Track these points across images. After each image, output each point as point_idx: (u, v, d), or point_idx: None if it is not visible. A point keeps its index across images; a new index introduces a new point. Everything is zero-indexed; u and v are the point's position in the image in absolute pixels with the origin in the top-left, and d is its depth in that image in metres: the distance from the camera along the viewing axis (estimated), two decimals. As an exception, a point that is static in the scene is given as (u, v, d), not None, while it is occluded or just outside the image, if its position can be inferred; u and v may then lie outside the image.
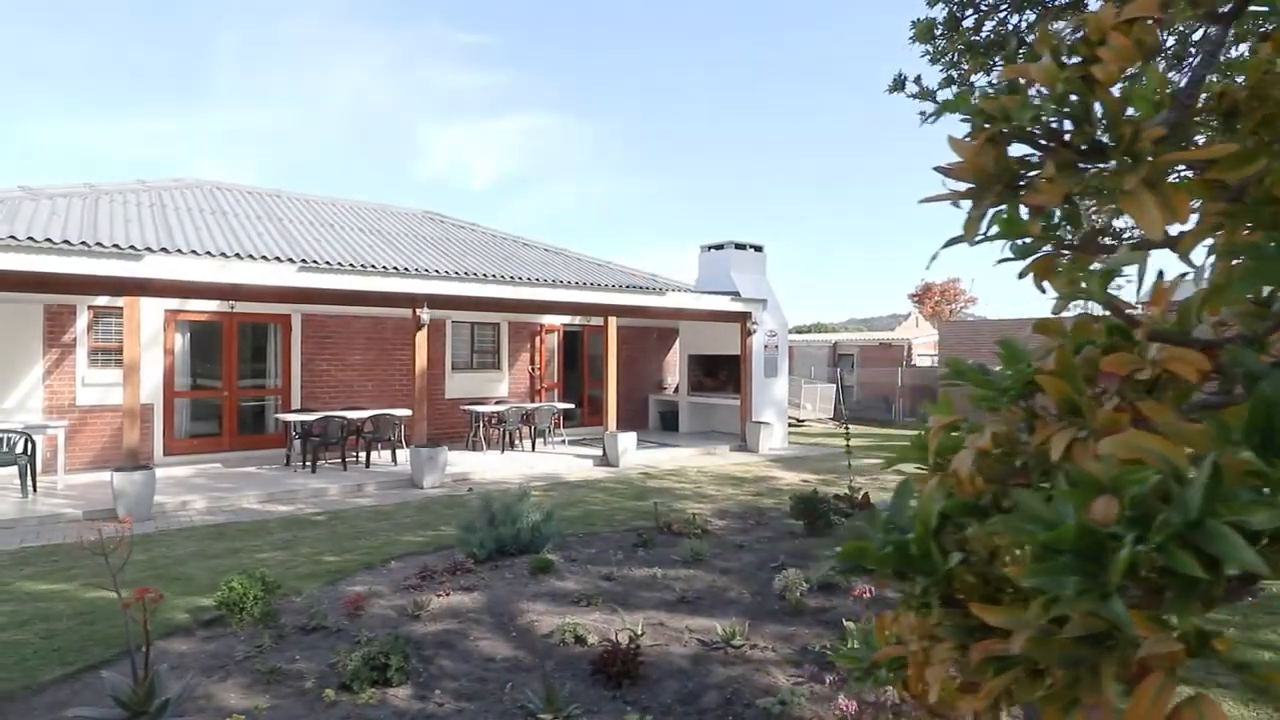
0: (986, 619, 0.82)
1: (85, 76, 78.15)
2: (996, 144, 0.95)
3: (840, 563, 1.02)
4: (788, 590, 4.98)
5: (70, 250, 7.89)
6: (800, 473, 11.40)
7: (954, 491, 0.98)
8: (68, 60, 75.01)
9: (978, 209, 0.98)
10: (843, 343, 26.56)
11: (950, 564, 0.91)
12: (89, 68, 77.75)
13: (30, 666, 3.95)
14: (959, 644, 0.89)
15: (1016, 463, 0.97)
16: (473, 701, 3.52)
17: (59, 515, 7.74)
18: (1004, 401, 1.03)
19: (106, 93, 79.64)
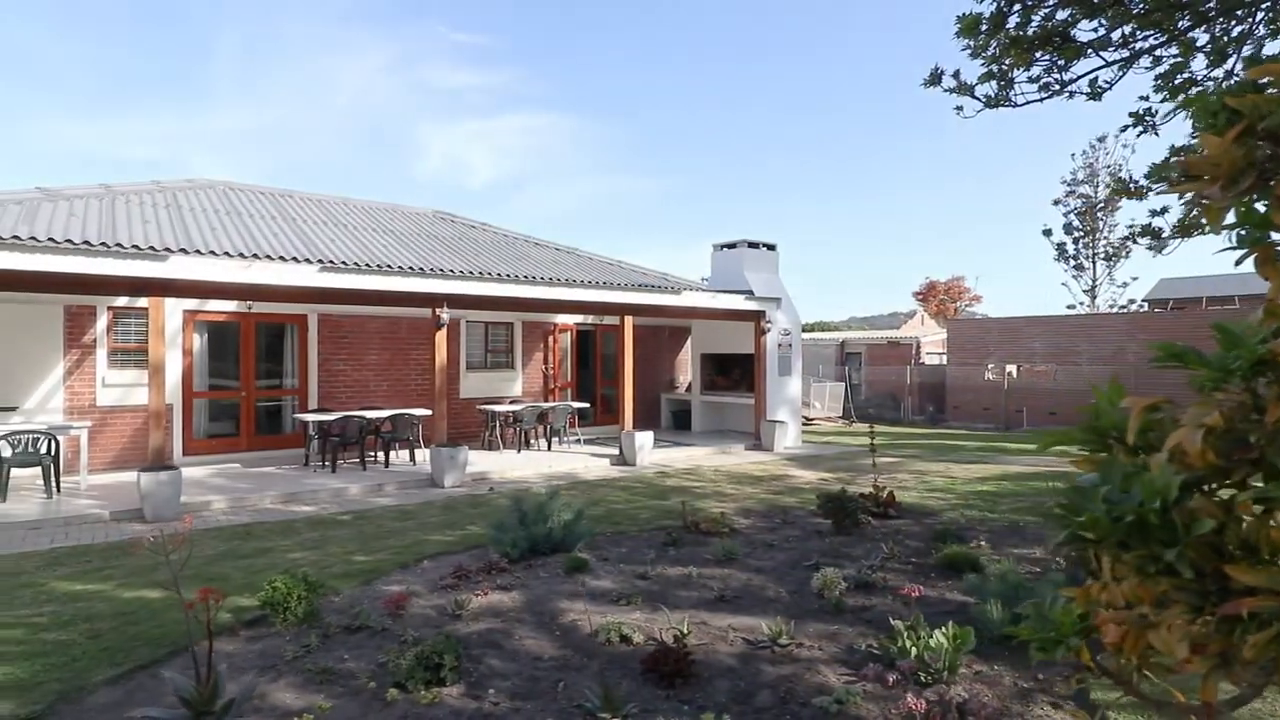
0: (1245, 580, 0.83)
1: (85, 77, 78.22)
2: (1246, 139, 0.96)
3: (1066, 537, 1.02)
4: (826, 589, 4.98)
5: (97, 251, 7.90)
6: (817, 471, 11.40)
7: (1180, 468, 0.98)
8: (68, 61, 75.07)
9: (1223, 200, 0.99)
10: (850, 341, 26.55)
11: (1200, 531, 0.92)
12: (89, 68, 77.81)
13: (81, 667, 3.96)
14: (1191, 607, 0.91)
15: (1251, 438, 0.97)
16: (527, 700, 3.53)
17: (85, 515, 7.76)
18: (1234, 381, 1.03)
19: (106, 93, 79.66)
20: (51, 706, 3.50)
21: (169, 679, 3.20)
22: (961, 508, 8.36)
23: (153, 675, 3.87)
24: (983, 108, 5.42)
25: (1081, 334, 19.70)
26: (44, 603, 5.11)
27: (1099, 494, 1.03)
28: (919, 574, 5.58)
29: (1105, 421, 1.14)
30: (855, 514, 6.94)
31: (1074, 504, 1.04)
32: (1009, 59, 5.07)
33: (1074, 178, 29.86)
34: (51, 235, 9.17)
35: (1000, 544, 6.55)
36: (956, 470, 11.55)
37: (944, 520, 7.53)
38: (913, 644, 3.84)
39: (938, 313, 43.95)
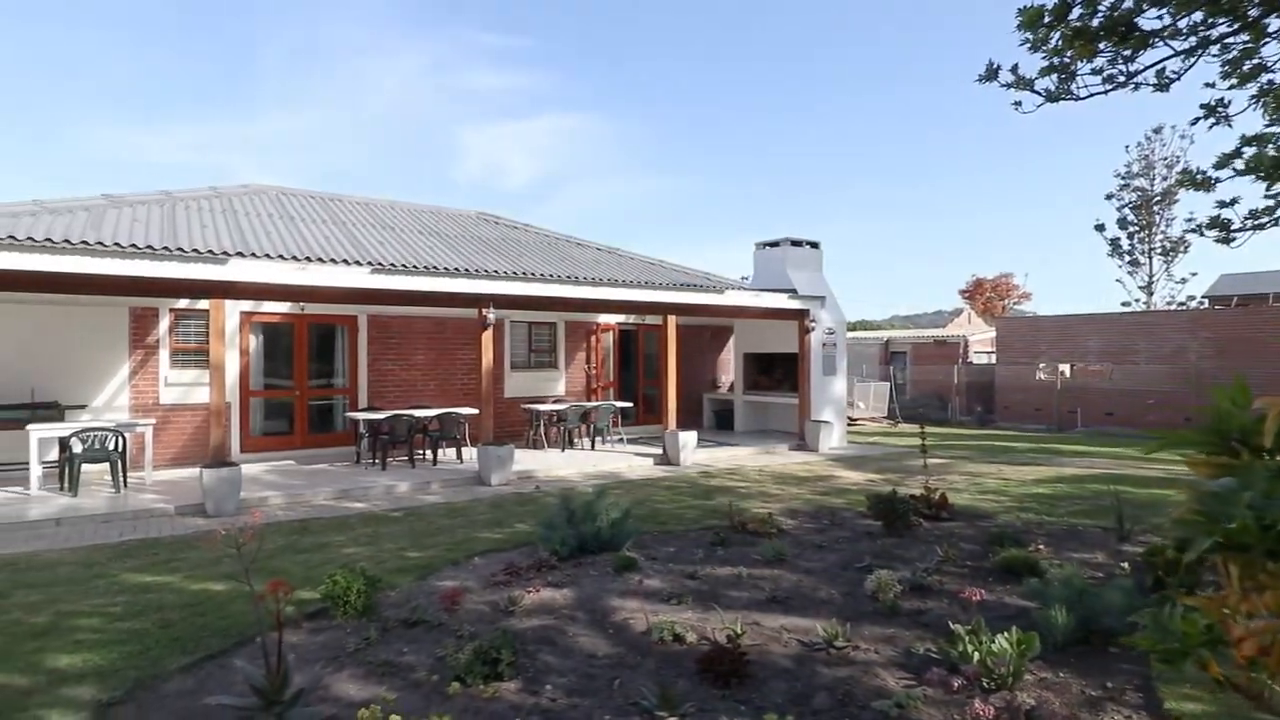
0: None
1: (140, 87, 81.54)
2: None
3: (1212, 545, 0.98)
4: (880, 591, 4.90)
5: (160, 255, 8.20)
6: (864, 472, 11.23)
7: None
8: (123, 72, 78.35)
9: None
10: (895, 340, 26.10)
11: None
12: (143, 79, 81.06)
13: (155, 655, 4.12)
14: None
15: None
16: (584, 697, 3.55)
17: (151, 510, 8.06)
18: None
19: (159, 102, 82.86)
20: (130, 693, 3.64)
21: (240, 668, 3.30)
22: (1016, 510, 8.15)
23: (222, 665, 4.01)
24: (1043, 102, 5.26)
25: (1139, 332, 19.03)
26: (117, 593, 5.32)
27: (1242, 500, 0.98)
28: (975, 578, 5.46)
29: (1231, 424, 1.08)
30: (906, 516, 6.82)
31: (1211, 510, 0.99)
32: (1071, 51, 4.92)
33: (1128, 170, 28.84)
34: (117, 240, 9.55)
35: (1060, 548, 6.37)
36: (1009, 472, 11.26)
37: (999, 523, 7.35)
38: (975, 648, 3.75)
39: (985, 311, 42.93)
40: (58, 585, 5.51)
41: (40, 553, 6.49)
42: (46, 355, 10.10)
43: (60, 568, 6.02)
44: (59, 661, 4.04)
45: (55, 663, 4.03)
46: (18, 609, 4.96)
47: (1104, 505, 8.06)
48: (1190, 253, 28.21)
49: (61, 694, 3.64)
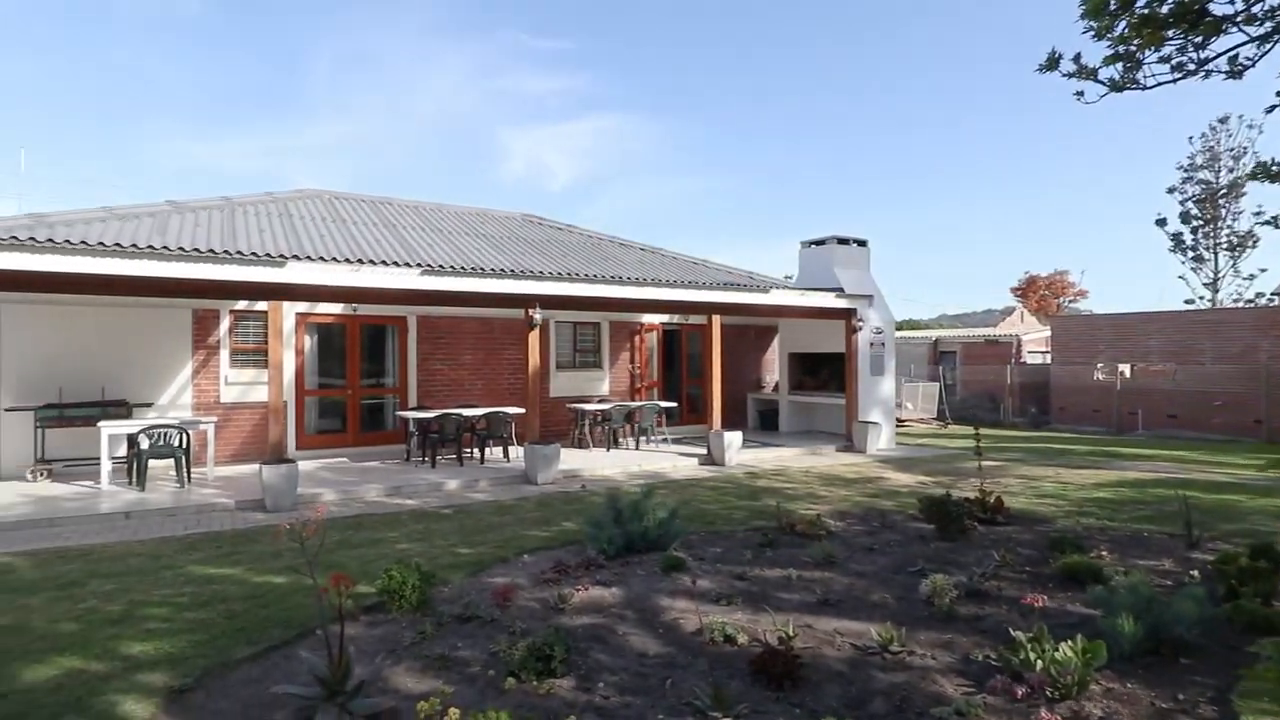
0: None
1: (195, 97, 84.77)
2: None
3: None
4: (936, 596, 4.80)
5: (222, 259, 8.49)
6: (914, 474, 11.01)
7: None
8: (179, 83, 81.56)
9: None
10: (944, 339, 25.52)
11: None
12: (198, 89, 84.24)
13: (222, 644, 4.26)
14: None
15: None
16: (637, 696, 3.56)
17: (213, 505, 8.36)
18: None
19: (213, 112, 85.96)
20: (200, 680, 3.78)
21: (305, 659, 3.40)
22: (1076, 515, 7.88)
23: (285, 655, 4.13)
24: (1107, 91, 5.07)
25: (1205, 331, 18.24)
26: (183, 584, 5.53)
27: None
28: (1034, 584, 5.30)
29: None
30: (960, 519, 6.66)
31: None
32: (1138, 39, 4.74)
33: (1192, 163, 27.66)
34: (181, 244, 9.92)
35: (1124, 554, 6.14)
36: (1067, 475, 10.91)
37: (1058, 528, 7.12)
38: (1038, 656, 3.64)
39: (1038, 309, 41.68)
40: (129, 575, 5.75)
41: (112, 544, 6.78)
42: (115, 355, 10.56)
43: (131, 559, 6.28)
44: (133, 649, 4.22)
45: (129, 650, 4.20)
46: (94, 597, 5.19)
47: (1170, 510, 7.75)
48: (1259, 248, 26.86)
49: (137, 680, 3.79)
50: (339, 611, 3.29)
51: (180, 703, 3.55)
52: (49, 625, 4.62)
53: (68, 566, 6.02)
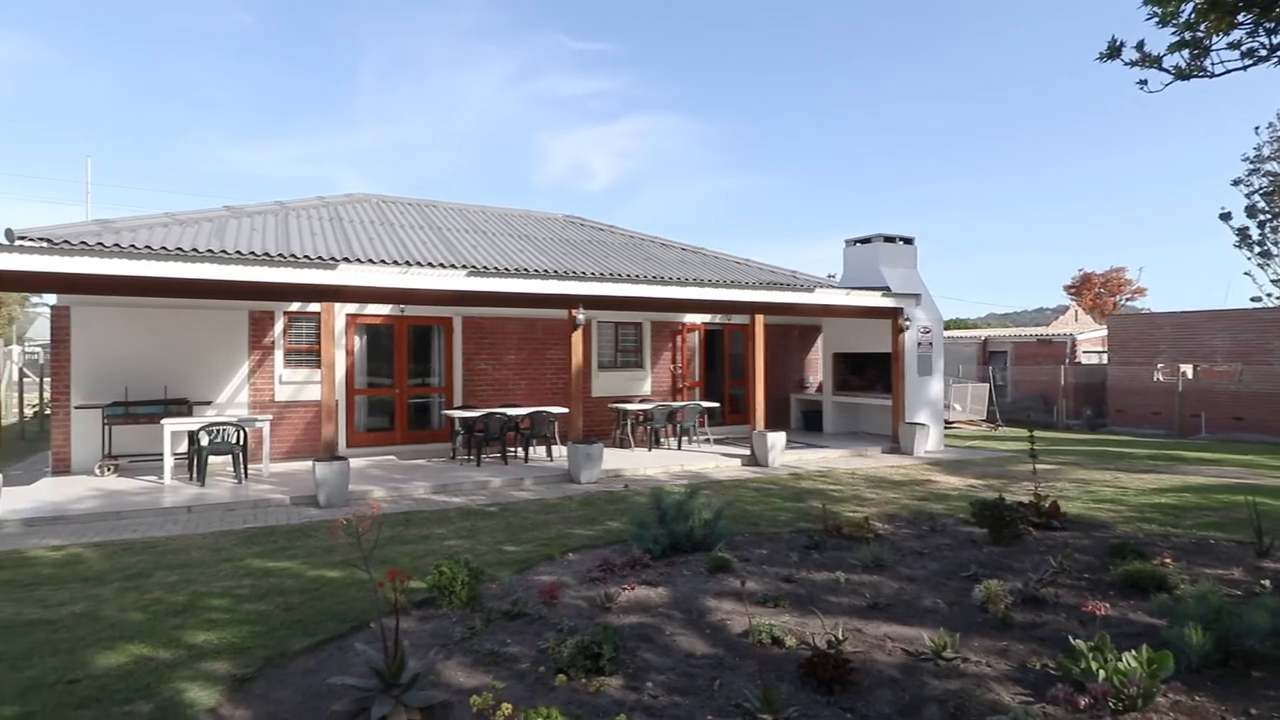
0: None
1: (247, 107, 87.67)
2: None
3: None
4: (990, 602, 4.68)
5: (277, 262, 8.75)
6: (964, 477, 10.76)
7: None
8: (233, 93, 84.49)
9: None
10: (994, 339, 24.87)
11: None
12: (247, 98, 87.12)
13: (281, 636, 4.39)
14: None
15: None
16: (686, 696, 3.55)
17: (269, 500, 8.61)
18: None
19: (264, 120, 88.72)
20: (261, 670, 3.90)
21: (361, 651, 3.48)
22: (1137, 521, 7.61)
23: (340, 647, 4.23)
24: (1172, 80, 4.89)
25: (1273, 330, 17.42)
26: (243, 576, 5.71)
27: None
28: (1093, 591, 5.13)
29: None
30: (1015, 523, 6.48)
31: None
32: (1206, 24, 4.56)
33: (1258, 154, 26.40)
34: (239, 248, 10.26)
35: (1189, 562, 5.90)
36: (1126, 480, 10.53)
37: (1118, 534, 6.88)
38: (1100, 666, 3.52)
39: (1093, 307, 40.34)
40: (192, 567, 5.96)
41: (175, 537, 7.05)
42: (176, 355, 10.96)
43: (192, 551, 6.51)
44: (196, 638, 4.38)
45: (193, 639, 4.36)
46: (159, 588, 5.40)
47: (1238, 517, 7.43)
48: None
49: (201, 668, 3.93)
50: (394, 606, 3.36)
51: (243, 691, 3.67)
52: (118, 614, 4.82)
53: (134, 558, 6.28)
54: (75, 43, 61.27)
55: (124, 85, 78.75)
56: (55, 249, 7.91)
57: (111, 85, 77.83)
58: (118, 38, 68.45)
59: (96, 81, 75.59)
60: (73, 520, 7.65)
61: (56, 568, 5.99)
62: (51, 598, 5.17)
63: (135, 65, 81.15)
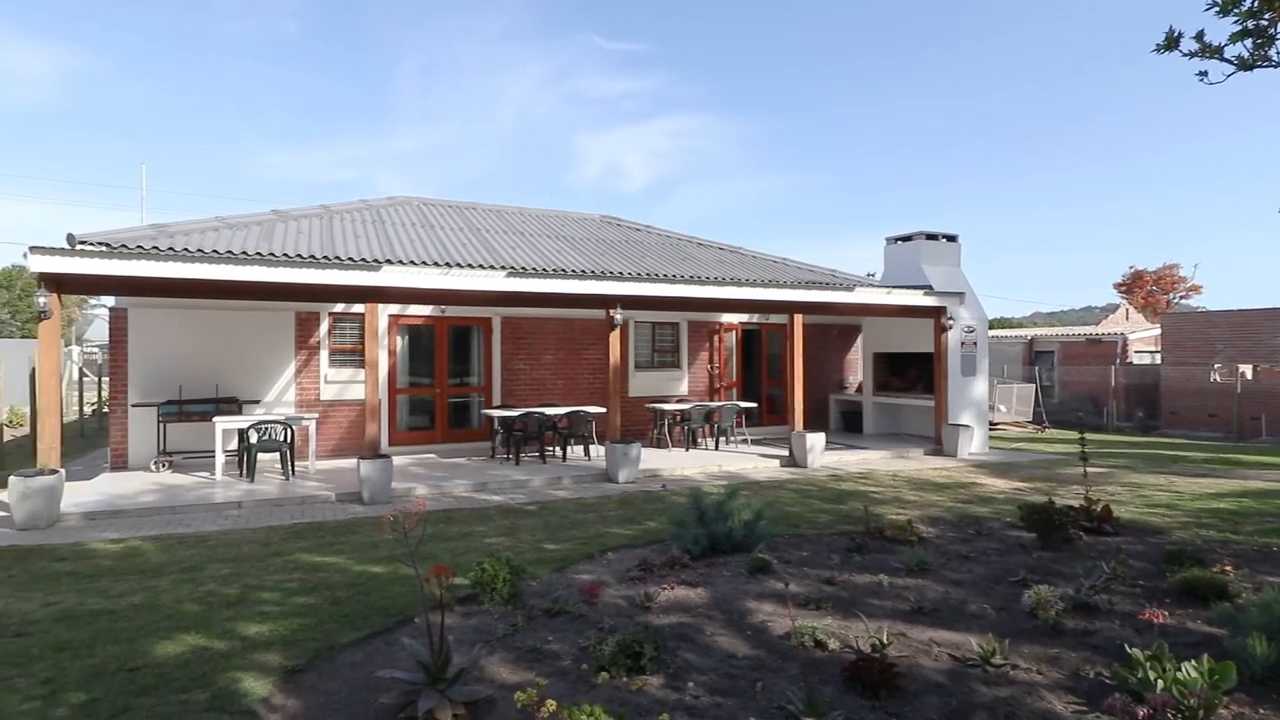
0: None
1: (291, 112, 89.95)
2: None
3: None
4: (1040, 608, 4.56)
5: (323, 264, 8.96)
6: (1010, 480, 10.50)
7: None
8: (274, 99, 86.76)
9: None
10: (1040, 338, 24.23)
11: None
12: (290, 104, 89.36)
13: (329, 629, 4.50)
14: None
15: None
16: (727, 697, 3.53)
17: (316, 496, 8.82)
18: None
19: (308, 125, 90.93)
20: (310, 662, 4.00)
21: (408, 645, 3.54)
22: (1194, 527, 7.34)
23: (387, 641, 4.31)
24: (1234, 70, 4.70)
25: (1341, 328, 16.65)
26: (291, 570, 5.86)
27: None
28: (1149, 599, 4.96)
29: None
30: (1065, 528, 6.31)
31: None
32: (1270, 12, 4.38)
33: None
34: (286, 251, 10.53)
35: (1251, 570, 5.67)
36: (1181, 484, 10.17)
37: (1174, 540, 6.65)
38: (1158, 675, 3.41)
39: (1145, 306, 39.04)
40: (243, 561, 6.14)
41: (227, 531, 7.26)
42: (227, 355, 11.29)
43: (243, 545, 6.70)
44: (249, 630, 4.50)
45: (246, 630, 4.49)
46: (212, 581, 5.57)
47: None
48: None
49: (254, 659, 4.05)
50: (440, 601, 3.41)
51: (294, 682, 3.76)
52: (175, 605, 4.99)
53: (189, 551, 6.48)
54: (131, 54, 64.15)
55: (176, 94, 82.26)
56: (114, 253, 8.22)
57: (164, 94, 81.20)
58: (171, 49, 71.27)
59: (150, 91, 78.85)
60: (130, 514, 7.94)
61: (116, 560, 6.22)
62: (112, 589, 5.37)
63: (187, 75, 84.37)
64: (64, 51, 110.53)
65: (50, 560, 6.19)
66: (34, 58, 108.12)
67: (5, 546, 6.65)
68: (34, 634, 4.45)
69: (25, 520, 7.32)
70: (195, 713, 3.42)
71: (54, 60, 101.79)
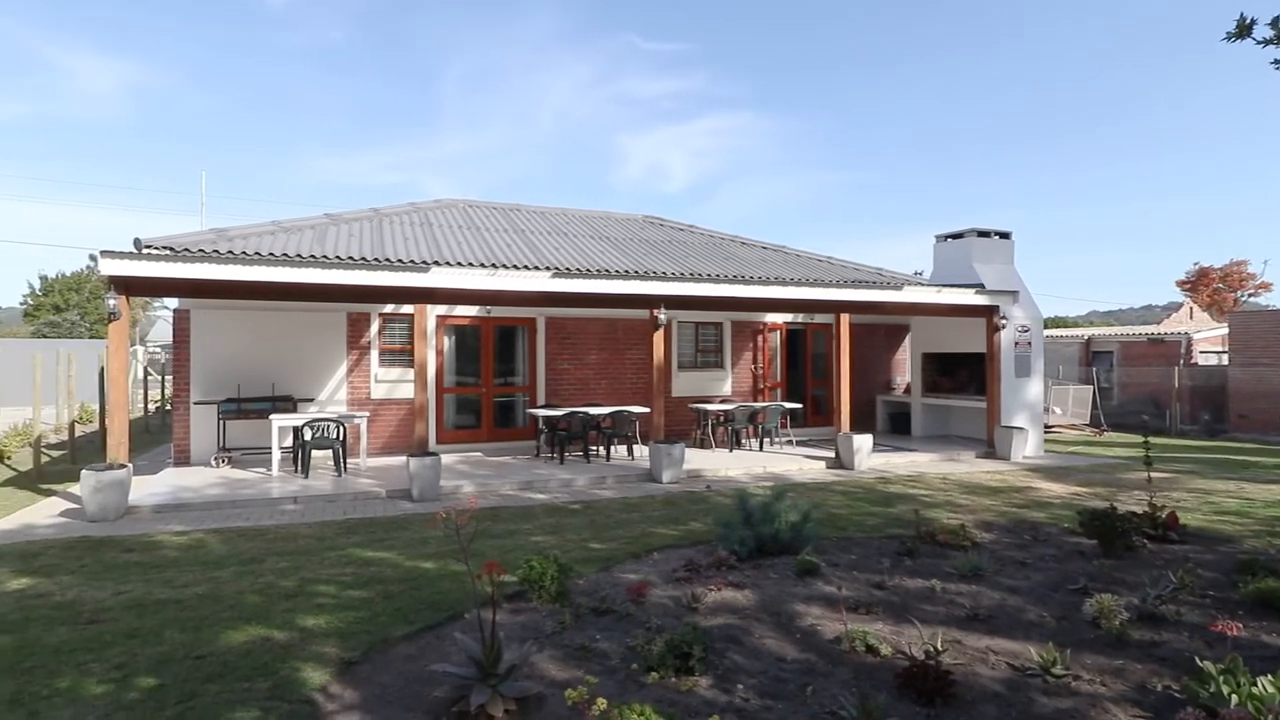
0: None
1: (340, 119, 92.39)
2: None
3: None
4: (1103, 617, 4.40)
5: (374, 266, 9.16)
6: (1067, 485, 10.16)
7: None
8: (323, 106, 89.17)
9: None
10: (1098, 338, 23.40)
11: None
12: (341, 110, 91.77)
13: (382, 622, 4.59)
14: None
15: None
16: (777, 700, 3.50)
17: (367, 493, 9.03)
18: None
19: (356, 131, 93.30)
20: (366, 654, 4.09)
21: (460, 640, 3.59)
22: (1267, 535, 7.00)
23: (438, 635, 4.39)
24: (1314, 55, 4.49)
25: None
26: (345, 565, 6.01)
27: None
28: (1220, 609, 4.74)
29: None
30: (1127, 535, 6.08)
31: None
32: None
33: None
34: (339, 253, 10.81)
35: (1332, 583, 5.36)
36: (1253, 490, 9.70)
37: (1246, 549, 6.35)
38: (1232, 690, 3.26)
39: (1210, 304, 37.41)
40: (300, 555, 6.32)
41: (283, 526, 7.48)
42: (282, 355, 11.64)
43: (299, 539, 6.90)
44: (307, 621, 4.63)
45: (304, 622, 4.61)
46: (271, 573, 5.74)
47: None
48: None
49: (312, 649, 4.16)
50: (492, 598, 3.45)
51: (350, 674, 3.85)
52: (236, 596, 5.16)
53: (249, 544, 6.70)
54: (191, 66, 67.12)
55: (233, 104, 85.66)
56: (178, 256, 8.54)
57: (222, 104, 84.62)
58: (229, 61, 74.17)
59: (209, 102, 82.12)
60: (193, 508, 8.24)
61: (180, 551, 6.46)
62: (177, 579, 5.58)
63: (243, 85, 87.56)
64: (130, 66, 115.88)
65: (120, 551, 6.47)
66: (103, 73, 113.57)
67: (78, 537, 6.97)
68: (106, 621, 4.65)
69: (96, 512, 7.66)
70: (259, 700, 3.53)
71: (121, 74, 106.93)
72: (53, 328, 43.33)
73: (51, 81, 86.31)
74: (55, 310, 46.25)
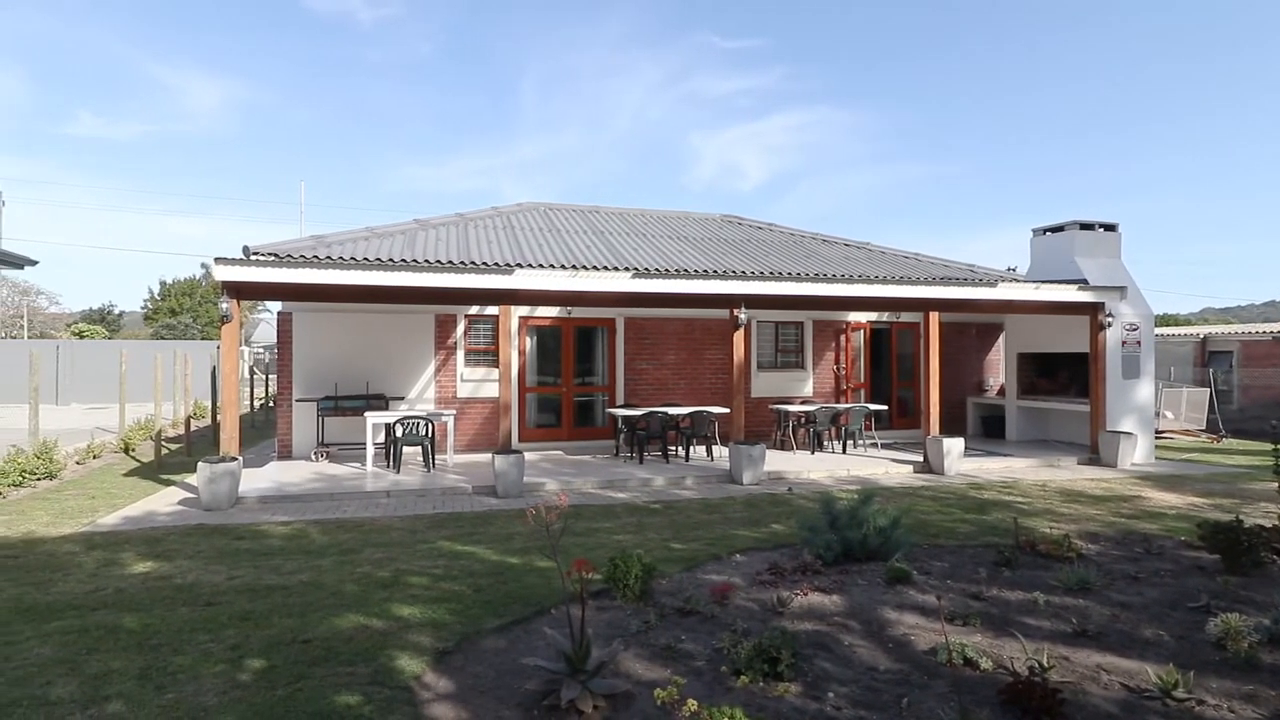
0: None
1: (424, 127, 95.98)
2: None
3: None
4: (1229, 638, 4.06)
5: (460, 269, 9.45)
6: (1182, 494, 9.46)
7: None
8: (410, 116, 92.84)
9: None
10: (1215, 337, 21.68)
11: None
12: (427, 119, 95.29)
13: (473, 615, 4.72)
14: None
15: None
16: (871, 711, 3.39)
17: (454, 488, 9.32)
18: None
19: (439, 139, 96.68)
20: (458, 645, 4.21)
21: (549, 635, 3.65)
22: None
23: (526, 629, 4.47)
24: None
25: None
26: (436, 557, 6.21)
27: None
28: (1370, 636, 4.29)
29: None
30: (1255, 549, 5.59)
31: None
32: None
33: None
34: (427, 257, 11.19)
35: None
36: (1402, 505, 8.75)
37: (1398, 569, 5.73)
38: (1390, 727, 2.94)
39: (1346, 300, 34.01)
40: (393, 547, 6.58)
41: (378, 519, 7.81)
42: (375, 356, 12.17)
43: (392, 532, 7.18)
44: (402, 611, 4.81)
45: (399, 611, 4.80)
46: (367, 564, 6.00)
47: None
48: None
49: (408, 639, 4.32)
50: (580, 595, 3.49)
51: (445, 663, 3.97)
52: (336, 584, 5.41)
53: (346, 535, 7.03)
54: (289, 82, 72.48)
55: (328, 116, 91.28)
56: (283, 261, 9.05)
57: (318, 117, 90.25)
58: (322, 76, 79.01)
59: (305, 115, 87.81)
60: (296, 499, 8.71)
61: (285, 540, 6.84)
62: (283, 566, 5.91)
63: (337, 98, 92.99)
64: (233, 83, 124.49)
65: (231, 538, 6.90)
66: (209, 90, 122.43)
67: (194, 525, 7.48)
68: (221, 604, 4.97)
69: (210, 501, 8.21)
70: (360, 685, 3.69)
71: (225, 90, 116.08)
72: (169, 330, 46.85)
73: (164, 100, 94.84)
74: (171, 314, 49.98)
